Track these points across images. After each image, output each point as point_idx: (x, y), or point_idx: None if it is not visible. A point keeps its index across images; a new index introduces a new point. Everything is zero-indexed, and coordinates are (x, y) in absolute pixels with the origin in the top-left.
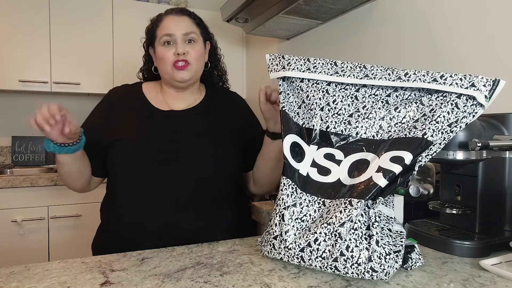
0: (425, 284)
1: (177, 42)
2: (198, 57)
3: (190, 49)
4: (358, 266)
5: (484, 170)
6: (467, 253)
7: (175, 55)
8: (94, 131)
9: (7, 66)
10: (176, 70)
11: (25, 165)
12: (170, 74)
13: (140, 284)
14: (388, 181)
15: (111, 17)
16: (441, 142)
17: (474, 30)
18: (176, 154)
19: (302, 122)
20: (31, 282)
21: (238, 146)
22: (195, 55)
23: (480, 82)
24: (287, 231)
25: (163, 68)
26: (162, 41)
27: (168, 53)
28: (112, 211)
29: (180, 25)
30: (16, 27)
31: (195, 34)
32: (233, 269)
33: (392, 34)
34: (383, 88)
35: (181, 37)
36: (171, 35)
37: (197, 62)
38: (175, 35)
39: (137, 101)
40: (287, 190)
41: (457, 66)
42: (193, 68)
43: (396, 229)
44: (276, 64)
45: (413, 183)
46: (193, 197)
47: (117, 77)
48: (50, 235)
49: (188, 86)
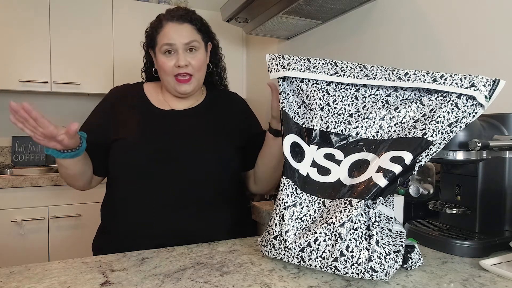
0: (425, 284)
1: (179, 52)
2: (200, 66)
3: (191, 59)
4: (358, 266)
5: (484, 170)
6: (467, 253)
7: (176, 67)
8: (95, 130)
9: (7, 66)
10: (178, 84)
11: (25, 165)
12: (171, 85)
13: (140, 284)
14: (388, 181)
15: (111, 17)
16: (441, 142)
17: (474, 30)
18: (176, 153)
19: (302, 122)
20: (31, 282)
21: (239, 146)
22: (197, 65)
23: (480, 82)
24: (287, 231)
25: (164, 78)
26: (163, 50)
27: (169, 63)
28: (112, 211)
29: (181, 33)
30: (16, 27)
31: (196, 42)
32: (233, 269)
33: (392, 34)
34: (383, 88)
35: (182, 47)
36: (171, 44)
37: (199, 71)
38: (176, 44)
39: (138, 100)
40: (287, 190)
41: (457, 66)
42: (195, 79)
43: (396, 229)
44: (276, 64)
45: (413, 183)
46: (193, 197)
47: (117, 77)
48: (50, 235)
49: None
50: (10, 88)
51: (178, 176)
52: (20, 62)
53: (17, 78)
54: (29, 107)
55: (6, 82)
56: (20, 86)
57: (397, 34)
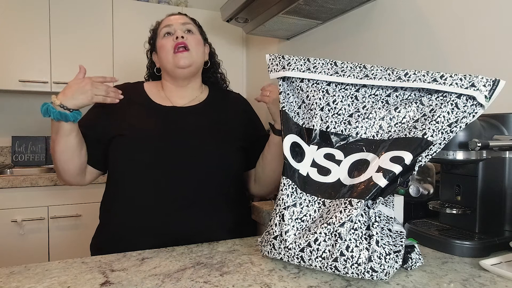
0: (425, 284)
1: (176, 30)
2: (197, 43)
3: (189, 37)
4: (358, 266)
5: (484, 170)
6: (467, 253)
7: (174, 41)
8: (94, 124)
9: (7, 66)
10: (176, 56)
11: (25, 165)
12: (171, 62)
13: (140, 284)
14: (388, 181)
15: (111, 17)
16: (441, 142)
17: (474, 30)
18: (177, 152)
19: (302, 122)
20: (31, 282)
21: (240, 146)
22: (194, 41)
23: (480, 82)
24: (287, 231)
25: (164, 57)
26: (162, 34)
27: (168, 41)
28: (111, 210)
29: (179, 18)
30: (16, 27)
31: (192, 25)
32: (233, 269)
33: (392, 34)
34: (383, 88)
35: (180, 27)
36: (170, 25)
37: (196, 48)
38: (173, 25)
39: (139, 97)
40: (287, 190)
41: (457, 66)
42: (193, 54)
43: (396, 229)
44: (276, 64)
45: (413, 183)
46: (193, 197)
47: (117, 77)
48: (50, 235)
49: (189, 75)
50: (10, 88)
51: (178, 175)
52: (20, 62)
53: (17, 78)
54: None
55: (6, 82)
56: (20, 86)
57: (397, 34)
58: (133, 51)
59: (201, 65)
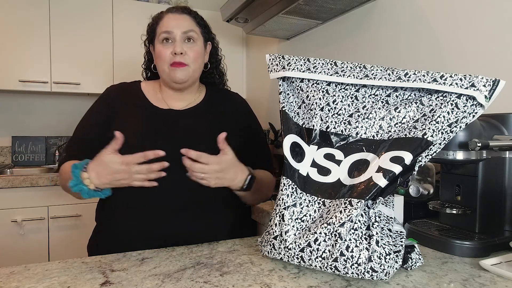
0: (425, 284)
1: (176, 40)
2: (196, 57)
3: (188, 49)
4: (358, 266)
5: (484, 170)
6: (467, 253)
7: (172, 55)
8: (92, 129)
9: (7, 66)
10: (173, 70)
11: (25, 165)
12: (166, 73)
13: (140, 284)
14: (388, 181)
15: (111, 17)
16: (441, 142)
17: (474, 30)
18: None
19: (302, 122)
20: (31, 282)
21: (238, 147)
22: (193, 55)
23: (480, 82)
24: (287, 231)
25: (160, 66)
26: (160, 38)
27: (166, 51)
28: (108, 211)
29: (180, 23)
30: (16, 27)
31: (194, 32)
32: (233, 269)
33: (392, 34)
34: (383, 88)
35: (180, 35)
36: (169, 32)
37: (195, 63)
38: (173, 32)
39: (136, 99)
40: (287, 190)
41: (457, 66)
42: (190, 69)
43: (396, 229)
44: (276, 64)
45: (413, 183)
46: (192, 198)
47: (117, 77)
48: (50, 235)
49: (185, 87)
50: (10, 88)
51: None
52: (20, 62)
53: (17, 78)
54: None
55: (6, 82)
56: (20, 86)
57: (397, 34)
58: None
59: (198, 75)
